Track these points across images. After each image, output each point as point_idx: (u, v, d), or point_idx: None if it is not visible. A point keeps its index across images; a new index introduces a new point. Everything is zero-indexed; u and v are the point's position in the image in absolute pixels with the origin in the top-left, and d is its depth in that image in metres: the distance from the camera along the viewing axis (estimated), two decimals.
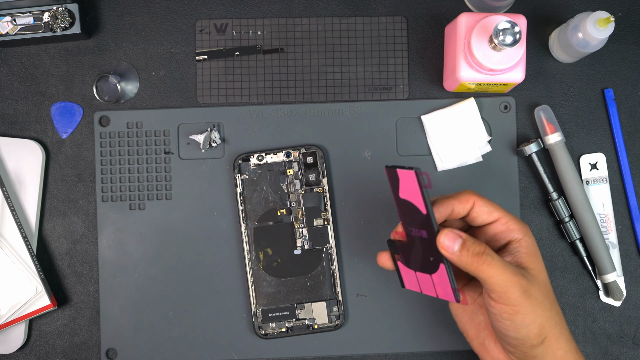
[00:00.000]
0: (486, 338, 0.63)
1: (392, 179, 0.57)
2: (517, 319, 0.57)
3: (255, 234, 0.73)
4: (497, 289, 0.57)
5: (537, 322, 0.58)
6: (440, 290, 0.60)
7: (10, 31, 0.74)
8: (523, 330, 0.58)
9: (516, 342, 0.59)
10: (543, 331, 0.58)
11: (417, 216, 0.57)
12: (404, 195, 0.57)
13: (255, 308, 0.73)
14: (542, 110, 0.75)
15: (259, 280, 0.73)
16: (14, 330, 0.74)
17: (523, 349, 0.59)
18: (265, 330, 0.73)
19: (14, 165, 0.74)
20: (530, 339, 0.58)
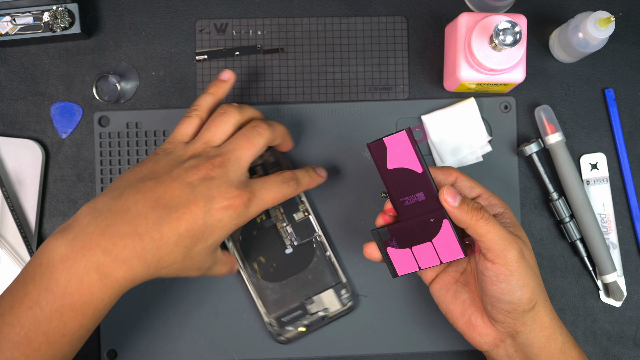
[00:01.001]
0: (472, 314, 0.62)
1: (378, 152, 0.59)
2: (513, 280, 0.58)
3: (243, 248, 0.73)
4: (494, 247, 0.57)
5: (530, 285, 0.58)
6: (444, 253, 0.60)
7: (10, 31, 0.74)
8: (518, 292, 0.58)
9: (509, 307, 0.59)
10: (534, 296, 0.59)
11: (411, 181, 0.59)
12: (392, 164, 0.59)
13: (268, 318, 0.73)
14: (542, 110, 0.75)
15: (262, 290, 0.73)
16: None
17: (515, 314, 0.59)
18: (285, 336, 0.73)
19: (14, 165, 0.74)
20: (523, 303, 0.58)
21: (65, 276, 0.53)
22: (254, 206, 0.61)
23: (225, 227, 0.59)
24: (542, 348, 0.60)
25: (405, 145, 0.58)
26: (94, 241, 0.54)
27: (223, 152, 0.61)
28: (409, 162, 0.59)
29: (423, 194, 0.59)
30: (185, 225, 0.57)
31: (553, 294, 0.75)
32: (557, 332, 0.61)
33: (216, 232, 0.59)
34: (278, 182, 0.63)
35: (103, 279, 0.54)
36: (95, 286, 0.54)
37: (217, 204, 0.58)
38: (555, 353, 0.60)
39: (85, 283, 0.53)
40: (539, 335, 0.60)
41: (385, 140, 0.59)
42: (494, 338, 0.61)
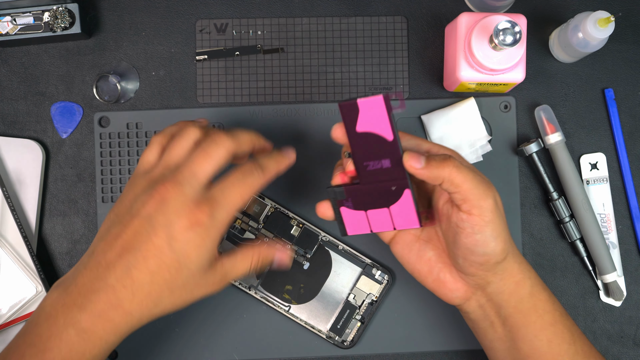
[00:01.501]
0: (440, 271, 0.62)
1: (349, 113, 0.57)
2: (488, 230, 0.57)
3: (267, 289, 0.74)
4: (470, 197, 0.56)
5: (502, 235, 0.58)
6: (400, 221, 0.60)
7: (10, 31, 0.74)
8: (492, 243, 0.57)
9: (482, 259, 0.58)
10: (507, 245, 0.59)
11: (378, 146, 0.57)
12: (362, 127, 0.56)
13: (326, 333, 0.74)
14: (542, 110, 0.75)
15: (305, 313, 0.74)
16: (13, 331, 0.74)
17: (487, 266, 0.59)
18: (348, 339, 0.74)
19: (14, 165, 0.74)
20: (497, 254, 0.58)
21: (47, 333, 0.55)
22: (221, 213, 0.56)
23: (199, 246, 0.56)
24: (512, 294, 0.60)
25: (379, 110, 0.56)
26: (72, 298, 0.55)
27: (178, 171, 0.57)
28: (381, 128, 0.56)
29: (389, 161, 0.57)
30: (154, 262, 0.55)
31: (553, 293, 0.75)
32: (526, 277, 0.61)
33: (192, 254, 0.56)
34: (240, 177, 0.58)
35: (81, 334, 0.54)
36: (74, 342, 0.54)
37: (178, 226, 0.55)
38: (524, 297, 0.60)
39: (64, 339, 0.54)
40: (508, 282, 0.60)
41: (359, 101, 0.56)
42: (465, 292, 0.61)
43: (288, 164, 0.62)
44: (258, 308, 0.74)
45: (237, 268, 0.60)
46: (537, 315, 0.60)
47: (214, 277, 0.59)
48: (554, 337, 0.60)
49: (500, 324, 0.61)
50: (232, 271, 0.60)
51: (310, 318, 0.74)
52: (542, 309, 0.61)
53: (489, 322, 0.62)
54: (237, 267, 0.60)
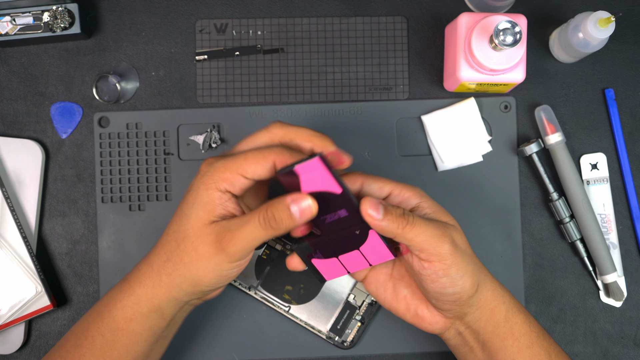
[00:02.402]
0: (417, 307, 0.63)
1: (289, 180, 0.55)
2: (452, 272, 0.58)
3: (267, 289, 0.74)
4: (426, 247, 0.57)
5: (468, 271, 0.59)
6: (373, 257, 0.61)
7: (10, 31, 0.74)
8: (459, 282, 0.58)
9: (454, 297, 0.59)
10: (475, 278, 0.59)
11: (330, 200, 0.56)
12: (308, 188, 0.55)
13: (326, 334, 0.74)
14: (542, 110, 0.75)
15: (305, 313, 0.74)
16: (13, 331, 0.74)
17: (460, 302, 0.59)
18: (348, 339, 0.74)
19: (14, 165, 0.74)
20: (467, 290, 0.59)
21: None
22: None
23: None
24: (488, 320, 0.61)
25: (319, 171, 0.54)
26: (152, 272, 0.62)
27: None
28: (326, 185, 0.55)
29: (345, 211, 0.57)
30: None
31: (553, 294, 0.75)
32: (500, 302, 0.62)
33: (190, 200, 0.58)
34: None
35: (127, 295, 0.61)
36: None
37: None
38: (500, 321, 0.61)
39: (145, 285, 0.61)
40: (484, 311, 0.61)
41: (296, 168, 0.54)
42: (444, 323, 0.62)
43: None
44: (258, 308, 0.74)
45: (253, 224, 0.56)
46: (514, 338, 0.62)
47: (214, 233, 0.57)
48: (531, 359, 0.62)
49: (480, 348, 0.62)
50: (250, 225, 0.56)
51: (310, 318, 0.74)
52: (518, 332, 0.62)
53: (468, 347, 0.63)
54: (252, 224, 0.56)
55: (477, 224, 0.75)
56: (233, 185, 0.57)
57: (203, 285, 0.58)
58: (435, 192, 0.75)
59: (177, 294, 0.59)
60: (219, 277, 0.58)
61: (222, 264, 0.57)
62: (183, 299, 0.59)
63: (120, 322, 0.60)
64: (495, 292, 0.62)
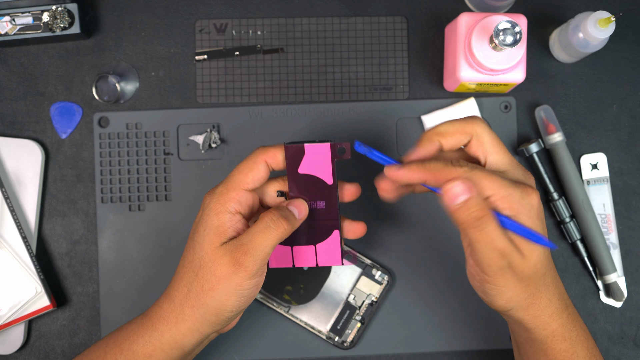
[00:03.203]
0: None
1: (294, 155, 0.59)
2: (486, 287, 0.57)
3: (267, 289, 0.74)
4: (478, 256, 0.55)
5: (505, 296, 0.57)
6: (323, 258, 0.62)
7: (10, 31, 0.74)
8: (487, 297, 0.58)
9: (486, 301, 0.59)
10: (510, 304, 0.58)
11: (316, 189, 0.60)
12: (304, 170, 0.60)
13: (326, 334, 0.74)
14: (542, 110, 0.75)
15: (305, 313, 0.74)
16: (13, 331, 0.74)
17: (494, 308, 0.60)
18: (348, 340, 0.74)
19: (14, 165, 0.74)
20: (495, 305, 0.58)
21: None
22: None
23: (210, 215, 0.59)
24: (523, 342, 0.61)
25: (324, 156, 0.59)
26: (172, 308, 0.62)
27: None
28: (322, 172, 0.60)
29: (324, 203, 0.61)
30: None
31: None
32: (537, 329, 0.60)
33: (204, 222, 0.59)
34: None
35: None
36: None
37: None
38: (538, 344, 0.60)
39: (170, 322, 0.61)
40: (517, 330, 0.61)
41: (306, 146, 0.59)
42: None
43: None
44: (258, 308, 0.74)
45: (266, 227, 0.58)
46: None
47: (230, 253, 0.58)
48: None
49: (517, 350, 0.64)
50: (266, 230, 0.58)
51: (310, 319, 0.74)
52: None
53: (514, 341, 0.64)
54: (265, 228, 0.58)
55: None
56: (240, 203, 0.58)
57: (226, 311, 0.58)
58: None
59: (201, 327, 0.59)
60: (240, 297, 0.58)
61: (242, 282, 0.57)
62: (206, 331, 0.60)
63: (139, 356, 0.60)
64: (537, 320, 0.59)
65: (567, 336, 0.61)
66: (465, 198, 0.53)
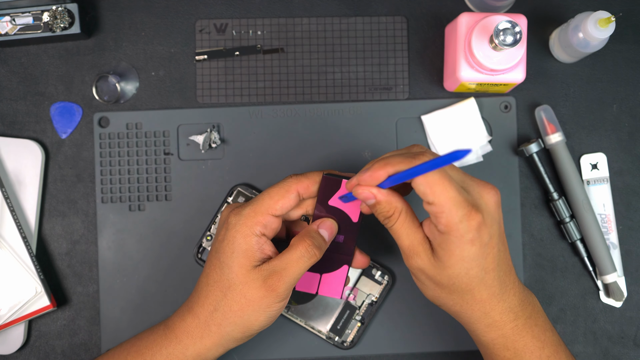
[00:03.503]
0: None
1: (329, 186, 0.61)
2: (413, 277, 0.60)
3: None
4: (404, 251, 0.57)
5: (427, 293, 0.59)
6: (325, 288, 0.64)
7: (10, 31, 0.74)
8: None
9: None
10: (436, 302, 0.59)
11: (341, 223, 0.62)
12: (334, 203, 0.61)
13: (326, 334, 0.74)
14: (542, 110, 0.75)
15: (305, 314, 0.74)
16: (13, 331, 0.74)
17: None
18: (348, 340, 0.74)
19: (14, 165, 0.74)
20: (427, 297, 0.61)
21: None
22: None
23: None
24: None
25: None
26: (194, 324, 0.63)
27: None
28: (351, 210, 0.62)
29: (343, 238, 0.63)
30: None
31: (553, 294, 0.75)
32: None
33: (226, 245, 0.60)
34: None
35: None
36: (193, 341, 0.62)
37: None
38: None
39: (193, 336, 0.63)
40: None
41: (344, 181, 0.60)
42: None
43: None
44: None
45: (291, 263, 0.59)
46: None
47: (260, 276, 0.59)
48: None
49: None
50: (286, 269, 0.59)
51: (310, 319, 0.74)
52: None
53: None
54: (289, 262, 0.59)
55: None
56: (266, 227, 0.60)
57: (253, 330, 0.61)
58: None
59: (226, 343, 0.61)
60: (268, 318, 0.60)
61: (272, 304, 0.59)
62: (230, 346, 0.62)
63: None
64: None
65: (509, 346, 0.59)
66: (373, 202, 0.57)
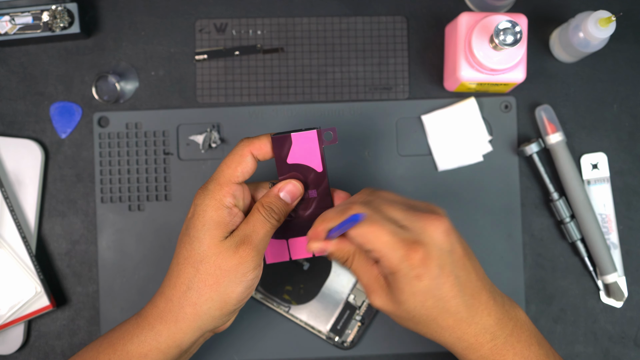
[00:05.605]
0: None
1: (282, 145, 0.59)
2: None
3: (267, 289, 0.74)
4: (364, 289, 0.59)
5: (397, 320, 0.59)
6: (296, 251, 0.62)
7: (9, 31, 0.74)
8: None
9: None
10: (407, 327, 0.60)
11: (308, 177, 0.60)
12: (293, 159, 0.60)
13: (326, 334, 0.73)
14: (543, 110, 0.74)
15: (304, 312, 0.74)
16: (13, 331, 0.74)
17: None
18: (348, 340, 0.74)
19: (13, 165, 0.74)
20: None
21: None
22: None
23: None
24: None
25: (312, 144, 0.59)
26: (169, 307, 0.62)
27: None
28: (311, 161, 0.60)
29: (315, 192, 0.61)
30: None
31: (553, 294, 0.75)
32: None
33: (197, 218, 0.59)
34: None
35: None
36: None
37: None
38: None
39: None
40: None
41: (293, 135, 0.59)
42: None
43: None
44: (258, 308, 0.74)
45: (256, 228, 0.59)
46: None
47: (231, 245, 0.58)
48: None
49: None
50: (252, 233, 0.59)
51: (310, 319, 0.73)
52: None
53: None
54: (254, 227, 0.59)
55: (477, 224, 0.75)
56: (234, 196, 0.58)
57: (231, 304, 0.58)
58: (435, 192, 0.75)
59: (202, 324, 0.58)
60: (245, 288, 0.58)
61: (247, 272, 0.58)
62: (207, 327, 0.59)
63: (133, 356, 0.59)
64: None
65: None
66: (326, 253, 0.59)
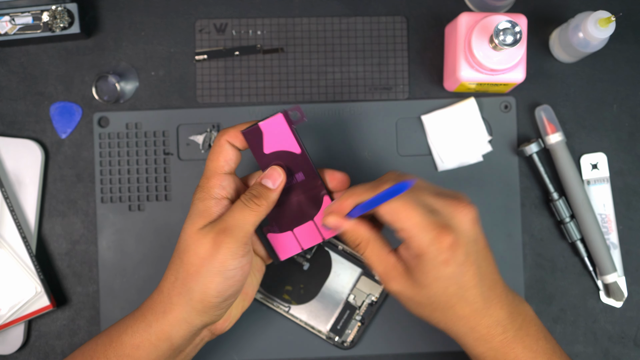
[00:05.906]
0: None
1: (254, 138, 0.59)
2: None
3: (267, 289, 0.74)
4: (380, 276, 0.59)
5: (409, 309, 0.60)
6: (305, 240, 0.62)
7: (9, 31, 0.74)
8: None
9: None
10: (419, 315, 0.60)
11: (290, 162, 0.59)
12: (269, 148, 0.59)
13: (326, 334, 0.74)
14: (542, 110, 0.74)
15: (304, 312, 0.74)
16: (13, 331, 0.74)
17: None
18: (348, 340, 0.74)
19: (13, 165, 0.74)
20: None
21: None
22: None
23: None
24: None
25: (282, 128, 0.59)
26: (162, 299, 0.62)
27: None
28: (287, 145, 0.59)
29: (302, 174, 0.60)
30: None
31: (553, 294, 0.75)
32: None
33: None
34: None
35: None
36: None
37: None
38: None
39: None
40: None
41: (260, 124, 0.58)
42: None
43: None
44: (258, 308, 0.74)
45: (237, 217, 0.58)
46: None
47: (211, 234, 0.58)
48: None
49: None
50: (235, 222, 0.58)
51: (310, 318, 0.74)
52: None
53: None
54: (237, 216, 0.58)
55: None
56: (223, 187, 0.59)
57: (210, 295, 0.57)
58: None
59: (188, 316, 0.58)
60: (225, 279, 0.57)
61: (225, 261, 0.57)
62: (194, 322, 0.58)
63: (127, 347, 0.59)
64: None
65: (500, 359, 0.59)
66: (339, 231, 0.59)
